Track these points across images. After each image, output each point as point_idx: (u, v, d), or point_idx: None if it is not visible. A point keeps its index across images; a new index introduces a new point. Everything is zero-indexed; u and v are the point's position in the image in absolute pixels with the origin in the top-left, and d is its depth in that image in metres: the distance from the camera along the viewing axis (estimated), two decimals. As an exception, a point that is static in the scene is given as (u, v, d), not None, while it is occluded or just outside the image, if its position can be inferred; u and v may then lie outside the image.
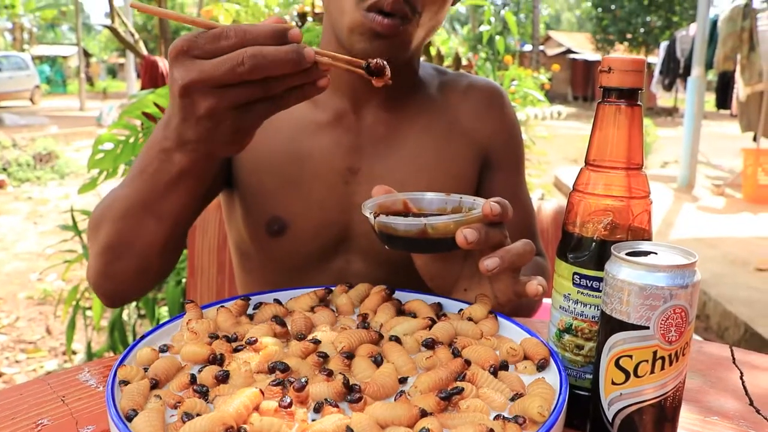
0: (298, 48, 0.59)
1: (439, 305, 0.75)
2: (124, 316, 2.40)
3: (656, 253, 0.56)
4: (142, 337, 0.66)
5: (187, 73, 0.59)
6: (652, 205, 0.61)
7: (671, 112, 20.05)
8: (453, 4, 0.95)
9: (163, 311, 2.33)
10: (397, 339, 0.65)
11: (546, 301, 1.27)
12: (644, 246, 0.57)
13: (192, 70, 0.59)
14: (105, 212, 0.80)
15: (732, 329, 3.47)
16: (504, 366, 0.61)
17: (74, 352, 2.92)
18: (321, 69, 0.62)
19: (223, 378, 0.57)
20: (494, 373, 0.59)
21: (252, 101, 0.61)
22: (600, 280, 0.58)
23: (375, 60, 0.64)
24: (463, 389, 0.55)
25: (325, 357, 0.61)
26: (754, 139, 7.24)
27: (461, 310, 0.72)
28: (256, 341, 0.62)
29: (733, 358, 0.79)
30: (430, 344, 0.64)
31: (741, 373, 0.75)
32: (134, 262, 0.80)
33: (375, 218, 0.71)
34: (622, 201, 0.59)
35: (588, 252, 0.60)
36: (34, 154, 8.06)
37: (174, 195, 0.73)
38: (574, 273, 0.60)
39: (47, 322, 3.46)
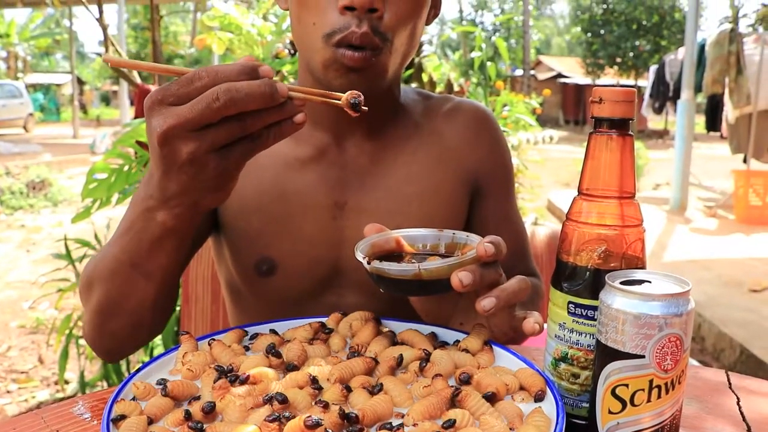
0: (270, 82, 0.59)
1: (434, 335, 0.75)
2: (118, 345, 2.38)
3: (650, 282, 0.56)
4: (137, 371, 0.65)
5: (164, 120, 0.58)
6: (645, 233, 0.61)
7: (662, 134, 20.22)
8: (428, 23, 0.93)
9: (157, 340, 2.31)
10: (400, 360, 0.65)
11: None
12: (638, 274, 0.57)
13: (168, 116, 0.58)
14: (95, 272, 0.79)
15: (727, 351, 3.46)
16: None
17: (67, 382, 2.88)
18: (296, 105, 0.61)
19: (209, 410, 0.56)
20: (489, 399, 0.59)
21: (232, 141, 0.60)
22: (595, 308, 0.58)
23: (349, 94, 0.64)
24: (454, 422, 0.55)
25: (321, 389, 0.60)
26: (744, 160, 7.30)
27: (457, 341, 0.72)
28: (248, 378, 0.62)
29: (729, 384, 0.79)
30: (424, 367, 0.64)
31: (738, 398, 0.75)
32: (127, 320, 0.79)
33: (368, 264, 0.70)
34: (615, 230, 0.59)
35: (582, 281, 0.60)
36: (27, 181, 8.04)
37: (160, 253, 0.72)
38: (569, 302, 0.61)
39: (39, 352, 3.42)
